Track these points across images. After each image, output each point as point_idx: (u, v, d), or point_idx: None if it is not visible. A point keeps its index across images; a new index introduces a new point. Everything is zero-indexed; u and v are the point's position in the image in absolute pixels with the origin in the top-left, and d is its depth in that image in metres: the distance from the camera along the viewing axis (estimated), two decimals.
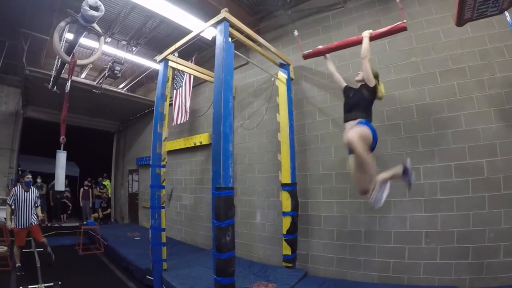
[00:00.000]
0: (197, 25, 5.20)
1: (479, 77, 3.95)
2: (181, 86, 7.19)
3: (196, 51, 7.46)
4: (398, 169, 2.84)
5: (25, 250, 5.77)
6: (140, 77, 9.75)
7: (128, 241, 7.58)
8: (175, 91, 7.31)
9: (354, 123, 3.13)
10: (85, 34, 4.64)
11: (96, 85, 8.71)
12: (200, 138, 7.43)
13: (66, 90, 5.36)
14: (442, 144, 4.09)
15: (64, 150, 5.07)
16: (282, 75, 5.50)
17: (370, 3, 4.99)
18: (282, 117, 5.37)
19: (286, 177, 5.14)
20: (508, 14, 3.05)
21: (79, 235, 7.70)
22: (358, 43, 3.58)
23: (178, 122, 7.23)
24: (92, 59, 5.06)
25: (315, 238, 5.06)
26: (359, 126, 3.02)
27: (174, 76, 7.15)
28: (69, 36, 5.61)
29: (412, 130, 4.32)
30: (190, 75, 6.86)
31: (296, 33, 4.33)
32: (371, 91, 3.25)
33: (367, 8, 5.01)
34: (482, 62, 3.95)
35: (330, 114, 5.17)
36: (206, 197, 7.06)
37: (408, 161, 2.84)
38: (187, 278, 4.59)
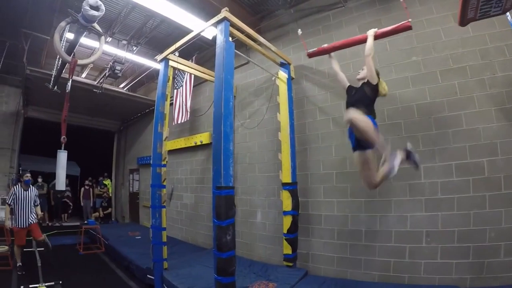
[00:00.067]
0: (198, 25, 5.20)
1: (480, 77, 3.94)
2: (182, 86, 7.19)
3: (197, 51, 7.45)
4: (402, 155, 2.90)
5: (26, 250, 5.77)
6: (141, 77, 9.77)
7: (129, 241, 7.58)
8: (176, 91, 7.31)
9: None
10: (86, 34, 4.65)
11: (97, 85, 8.72)
12: (201, 138, 7.44)
13: (67, 90, 5.38)
14: (443, 144, 4.09)
15: (65, 150, 5.10)
16: (283, 75, 5.50)
17: (371, 3, 4.99)
18: (283, 116, 5.37)
19: (287, 176, 5.15)
20: (509, 14, 3.05)
21: (80, 235, 7.73)
22: (363, 42, 3.58)
23: (179, 122, 7.23)
24: (93, 59, 5.08)
25: (316, 237, 5.07)
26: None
27: (175, 76, 7.16)
28: (70, 36, 5.62)
29: (413, 130, 4.32)
30: (191, 75, 6.86)
31: (300, 32, 4.33)
32: (374, 89, 3.25)
33: (368, 8, 5.00)
34: (483, 62, 3.95)
35: (331, 113, 5.17)
36: (207, 197, 7.06)
37: (409, 145, 2.87)
38: (188, 277, 4.60)
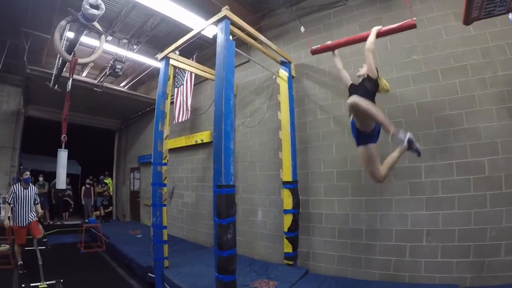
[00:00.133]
0: (198, 23, 5.19)
1: (481, 75, 3.93)
2: (182, 84, 7.18)
3: (197, 49, 7.45)
4: (404, 146, 2.87)
5: (27, 248, 5.78)
6: (141, 76, 9.75)
7: (130, 239, 7.61)
8: (176, 89, 7.30)
9: None
10: (86, 33, 4.65)
11: (98, 84, 8.73)
12: (202, 136, 7.44)
13: (67, 89, 5.37)
14: (444, 142, 4.08)
15: (65, 149, 5.09)
16: (284, 73, 5.50)
17: (371, 1, 4.97)
18: (284, 115, 5.38)
19: (287, 175, 5.15)
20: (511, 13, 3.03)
21: (81, 233, 7.76)
22: (364, 40, 3.57)
23: (180, 120, 7.23)
24: (93, 58, 5.07)
25: (316, 236, 5.07)
26: None
27: (175, 74, 7.15)
28: (70, 35, 5.61)
29: (414, 128, 4.28)
30: (191, 73, 6.86)
31: (303, 29, 4.35)
32: (374, 83, 3.26)
33: (368, 6, 4.99)
34: (484, 60, 3.94)
35: (332, 112, 5.17)
36: (208, 195, 7.06)
37: (409, 134, 2.82)
38: (189, 276, 4.61)
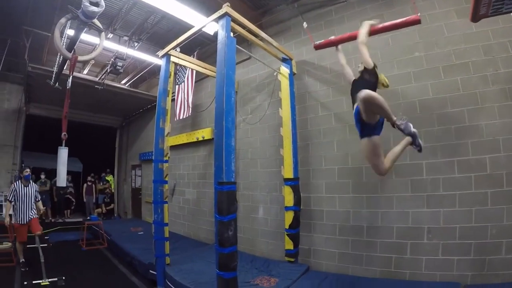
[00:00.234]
0: (199, 20, 5.18)
1: (483, 73, 3.91)
2: (183, 81, 7.17)
3: (198, 46, 7.44)
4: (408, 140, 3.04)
5: (29, 246, 5.81)
6: (142, 73, 9.74)
7: (131, 236, 7.63)
8: (177, 86, 7.30)
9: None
10: (86, 30, 4.64)
11: (99, 81, 8.71)
12: (203, 133, 7.44)
13: (68, 87, 5.36)
14: (445, 140, 4.07)
15: (66, 146, 5.09)
16: (285, 70, 5.48)
17: None
18: (285, 112, 5.37)
19: (289, 172, 5.15)
20: None
21: (83, 230, 7.77)
22: (371, 35, 3.61)
23: (181, 117, 7.22)
24: (93, 55, 5.06)
25: (317, 233, 5.08)
26: None
27: (176, 71, 7.14)
28: (71, 33, 5.60)
29: (415, 126, 4.17)
30: (192, 70, 6.84)
31: (305, 25, 4.35)
32: (371, 73, 3.26)
33: (370, 3, 4.95)
34: (486, 58, 3.91)
35: (333, 109, 5.16)
36: (209, 192, 7.06)
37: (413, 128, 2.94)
38: (190, 273, 4.63)
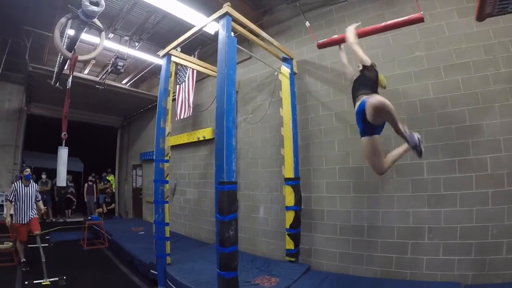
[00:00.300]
0: (200, 20, 5.18)
1: (484, 72, 3.90)
2: (184, 81, 7.18)
3: (199, 46, 7.43)
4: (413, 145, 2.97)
5: (30, 246, 5.82)
6: (143, 72, 9.74)
7: (132, 236, 7.64)
8: (178, 86, 7.30)
9: (363, 97, 3.02)
10: (86, 30, 4.65)
11: (99, 81, 8.72)
12: (204, 133, 7.45)
13: (68, 86, 5.36)
14: (446, 140, 4.07)
15: (66, 146, 5.08)
16: (285, 70, 5.48)
17: None
18: (286, 112, 5.37)
19: (289, 172, 5.15)
20: None
21: (84, 230, 7.78)
22: (374, 33, 3.81)
23: (182, 117, 7.23)
24: (93, 55, 5.06)
25: (318, 233, 5.08)
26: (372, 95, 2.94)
27: (177, 71, 7.14)
28: (72, 32, 5.61)
29: (416, 125, 4.27)
30: (193, 70, 6.85)
31: (308, 24, 4.38)
32: (370, 69, 3.25)
33: (371, 2, 4.94)
34: (487, 57, 3.91)
35: (334, 109, 5.15)
36: (210, 192, 7.06)
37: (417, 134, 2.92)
38: (191, 272, 4.63)
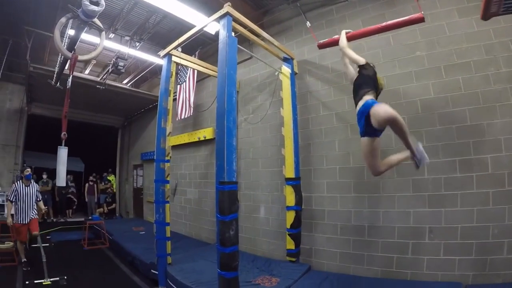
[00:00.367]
0: (200, 20, 5.18)
1: (484, 72, 3.90)
2: (185, 81, 7.18)
3: (200, 46, 7.43)
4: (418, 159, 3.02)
5: (31, 246, 5.83)
6: (144, 72, 9.74)
7: (133, 236, 7.65)
8: (179, 86, 7.30)
9: (366, 98, 3.06)
10: (87, 30, 4.64)
11: (100, 81, 8.72)
12: (204, 133, 7.45)
13: (68, 86, 5.35)
14: (447, 139, 4.06)
15: (66, 146, 5.08)
16: (286, 70, 5.48)
17: None
18: (286, 112, 5.37)
19: (290, 172, 5.16)
20: None
21: (85, 230, 7.78)
22: (376, 33, 3.83)
23: (182, 117, 7.23)
24: (94, 55, 5.05)
25: (319, 233, 5.08)
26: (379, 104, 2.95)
27: (178, 71, 7.14)
28: (72, 32, 5.61)
29: (417, 125, 4.28)
30: (194, 70, 6.85)
31: (309, 24, 4.39)
32: (367, 67, 3.26)
33: (371, 2, 4.94)
34: (487, 57, 3.90)
35: (334, 109, 5.15)
36: (211, 192, 7.07)
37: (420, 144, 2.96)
38: (192, 272, 4.64)
